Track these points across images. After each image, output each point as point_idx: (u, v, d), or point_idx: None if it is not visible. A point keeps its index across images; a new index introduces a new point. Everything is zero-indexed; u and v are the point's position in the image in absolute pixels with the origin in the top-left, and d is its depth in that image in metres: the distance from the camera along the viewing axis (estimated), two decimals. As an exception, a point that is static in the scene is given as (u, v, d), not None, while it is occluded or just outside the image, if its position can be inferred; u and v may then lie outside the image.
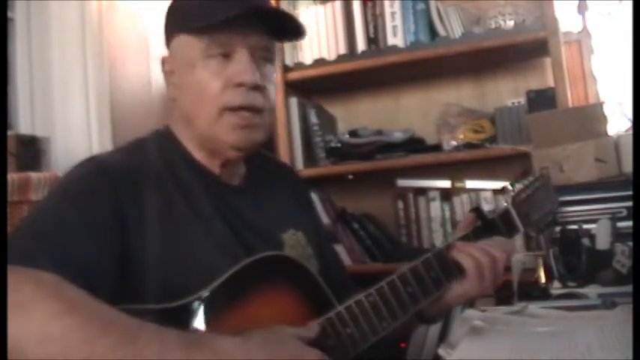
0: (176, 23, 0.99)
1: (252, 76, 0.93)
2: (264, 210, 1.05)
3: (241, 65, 0.94)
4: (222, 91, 0.94)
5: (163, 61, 1.02)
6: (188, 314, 0.81)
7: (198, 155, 1.00)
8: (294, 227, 1.06)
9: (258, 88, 0.95)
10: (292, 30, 1.00)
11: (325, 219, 2.22)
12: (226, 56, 0.94)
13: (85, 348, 0.65)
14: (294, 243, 1.05)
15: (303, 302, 0.90)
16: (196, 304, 0.82)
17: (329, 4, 2.30)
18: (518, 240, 1.74)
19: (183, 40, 0.96)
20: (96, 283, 0.76)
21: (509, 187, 1.11)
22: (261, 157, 1.13)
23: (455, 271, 0.97)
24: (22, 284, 0.68)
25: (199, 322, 0.82)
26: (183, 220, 0.92)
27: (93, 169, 0.90)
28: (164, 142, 1.01)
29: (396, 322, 0.91)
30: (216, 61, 0.94)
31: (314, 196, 2.19)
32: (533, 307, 1.14)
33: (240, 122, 0.95)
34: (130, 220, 0.86)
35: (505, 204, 1.08)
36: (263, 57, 0.97)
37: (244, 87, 0.94)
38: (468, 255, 0.96)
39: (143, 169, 0.93)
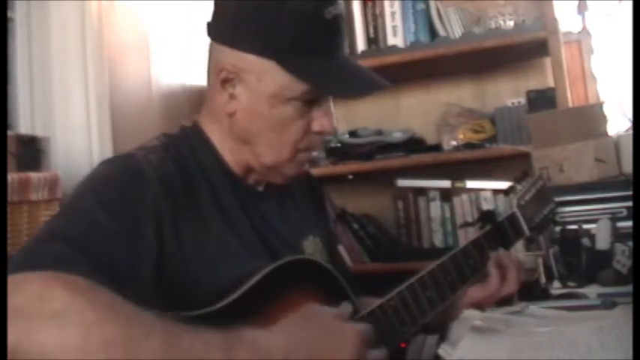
0: (275, 51, 0.89)
1: (334, 127, 0.96)
2: (287, 216, 1.04)
3: (327, 115, 0.95)
4: (304, 135, 0.94)
5: (220, 68, 0.91)
6: (216, 320, 0.80)
7: (229, 158, 0.98)
8: (313, 233, 1.06)
9: None
10: None
11: (325, 219, 2.22)
12: (312, 101, 0.93)
13: (128, 356, 0.64)
14: (313, 250, 1.04)
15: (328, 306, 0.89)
16: (224, 309, 0.82)
17: (329, 4, 2.30)
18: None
19: (275, 70, 0.89)
20: (130, 288, 0.74)
21: (514, 189, 1.13)
22: None
23: (469, 273, 1.01)
24: (54, 290, 0.66)
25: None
26: (213, 223, 0.91)
27: (127, 167, 0.87)
28: (195, 141, 0.98)
29: (415, 327, 0.94)
30: (302, 103, 0.92)
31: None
32: (533, 307, 1.14)
33: (307, 160, 0.99)
34: (164, 220, 0.84)
35: (511, 207, 1.10)
36: None
37: (324, 135, 0.97)
38: (497, 264, 1.02)
39: (176, 169, 0.90)
